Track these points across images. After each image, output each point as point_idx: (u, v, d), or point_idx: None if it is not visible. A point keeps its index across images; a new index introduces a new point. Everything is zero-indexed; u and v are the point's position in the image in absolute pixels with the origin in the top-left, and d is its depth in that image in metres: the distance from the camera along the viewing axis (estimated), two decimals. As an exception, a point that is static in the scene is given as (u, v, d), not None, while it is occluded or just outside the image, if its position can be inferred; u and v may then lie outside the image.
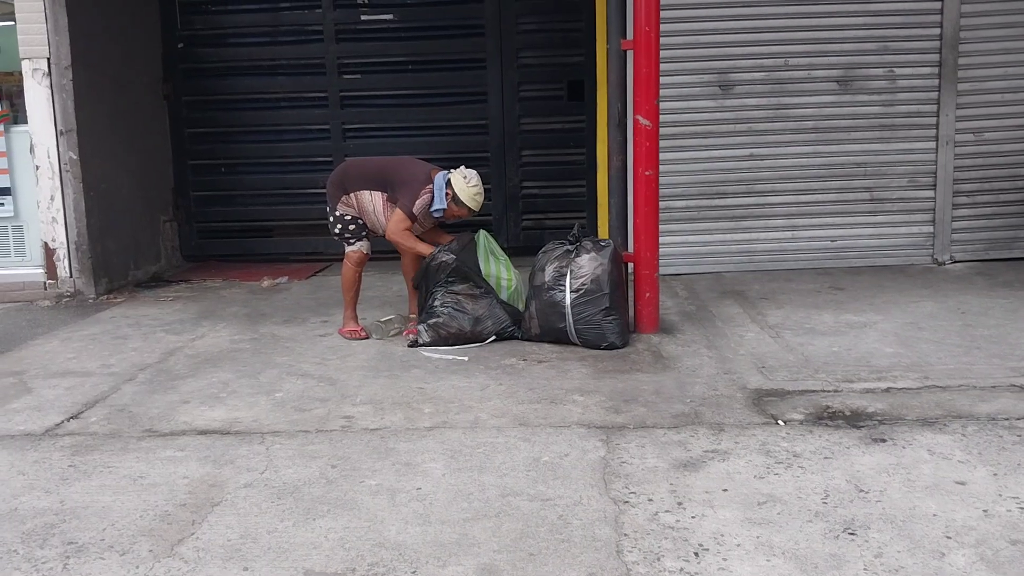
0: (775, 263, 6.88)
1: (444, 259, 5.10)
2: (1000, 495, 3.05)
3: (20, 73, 6.57)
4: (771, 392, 4.16)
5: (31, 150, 6.63)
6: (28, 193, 6.76)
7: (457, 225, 5.77)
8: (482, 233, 5.40)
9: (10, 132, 6.76)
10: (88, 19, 6.71)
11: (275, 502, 3.19)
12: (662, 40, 5.07)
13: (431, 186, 5.15)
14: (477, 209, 5.24)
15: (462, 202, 5.15)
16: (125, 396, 4.45)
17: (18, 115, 6.77)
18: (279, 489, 3.29)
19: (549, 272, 5.02)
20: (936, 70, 6.69)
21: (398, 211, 5.12)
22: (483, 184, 5.23)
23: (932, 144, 6.79)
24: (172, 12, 8.07)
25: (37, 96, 6.54)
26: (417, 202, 5.10)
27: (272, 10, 8.13)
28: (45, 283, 6.77)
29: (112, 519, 3.10)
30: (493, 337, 5.13)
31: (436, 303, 5.14)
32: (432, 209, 5.16)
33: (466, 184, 5.14)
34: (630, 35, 5.18)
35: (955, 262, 6.87)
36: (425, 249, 5.16)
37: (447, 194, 5.15)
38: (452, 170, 5.22)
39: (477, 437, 3.73)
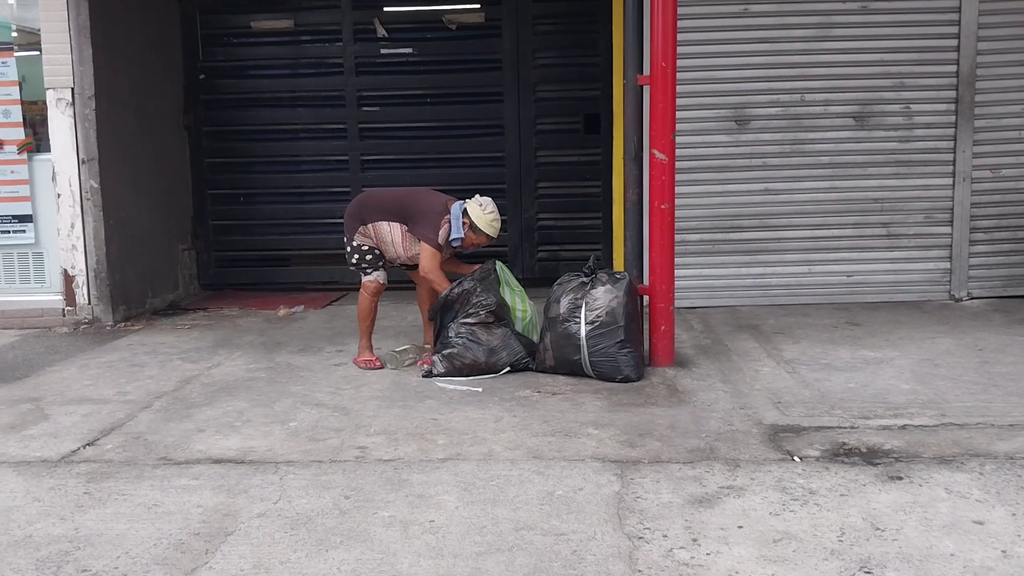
0: (791, 297, 6.86)
1: (466, 287, 5.12)
2: (1019, 535, 3.02)
3: (44, 102, 6.67)
4: (787, 428, 4.14)
5: (53, 178, 6.71)
6: (49, 220, 6.84)
7: (473, 256, 5.80)
8: (497, 264, 5.43)
9: (33, 160, 6.85)
10: (112, 50, 6.82)
11: (288, 532, 3.19)
12: (678, 75, 5.11)
13: (449, 216, 5.19)
14: (495, 235, 5.28)
15: (480, 229, 5.19)
16: (141, 424, 4.47)
17: (41, 144, 6.86)
18: (292, 519, 3.29)
19: (564, 304, 5.02)
20: (953, 107, 6.71)
21: (426, 247, 5.15)
22: (499, 214, 5.28)
23: (949, 180, 6.78)
24: (194, 44, 8.19)
25: (60, 125, 6.63)
26: (440, 232, 5.14)
27: (293, 43, 8.24)
28: (63, 310, 6.82)
29: (126, 547, 3.11)
30: (508, 368, 5.13)
31: (451, 334, 5.15)
32: (451, 239, 5.20)
33: (482, 211, 5.18)
34: (647, 70, 5.22)
35: (972, 298, 6.83)
36: (447, 285, 5.19)
37: (464, 223, 5.19)
38: (467, 199, 5.26)
39: (491, 469, 3.72)
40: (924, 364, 5.13)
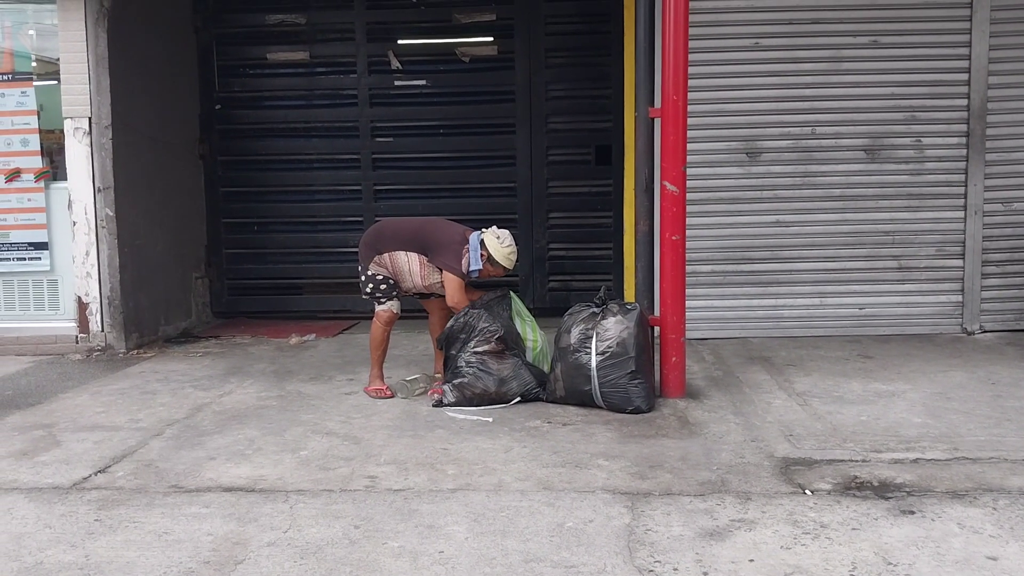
0: (802, 329, 6.85)
1: (472, 314, 5.13)
2: (1033, 572, 3.00)
3: (61, 131, 6.75)
4: (799, 461, 4.12)
5: (69, 206, 6.78)
6: (64, 248, 6.90)
7: (486, 283, 5.83)
8: (510, 293, 5.45)
9: (49, 188, 6.93)
10: (129, 81, 6.91)
11: (298, 562, 3.18)
12: (689, 108, 5.14)
13: (468, 246, 5.22)
14: (511, 267, 5.33)
15: (497, 262, 5.23)
16: (152, 451, 4.48)
17: (57, 172, 6.94)
18: (302, 548, 3.29)
19: (575, 334, 5.03)
20: (964, 140, 6.72)
21: (452, 277, 5.19)
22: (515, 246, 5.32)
23: (960, 213, 6.78)
24: (211, 75, 8.30)
25: (77, 154, 6.71)
26: (463, 262, 5.18)
27: (308, 74, 8.34)
28: (77, 337, 6.86)
29: (136, 575, 3.11)
30: (518, 398, 5.13)
31: (461, 363, 5.16)
32: (469, 270, 5.23)
33: (500, 244, 5.22)
34: (658, 103, 5.25)
35: (984, 332, 6.80)
36: None
37: (482, 255, 5.22)
38: (484, 230, 5.30)
39: (501, 500, 3.71)
40: (936, 397, 5.10)
